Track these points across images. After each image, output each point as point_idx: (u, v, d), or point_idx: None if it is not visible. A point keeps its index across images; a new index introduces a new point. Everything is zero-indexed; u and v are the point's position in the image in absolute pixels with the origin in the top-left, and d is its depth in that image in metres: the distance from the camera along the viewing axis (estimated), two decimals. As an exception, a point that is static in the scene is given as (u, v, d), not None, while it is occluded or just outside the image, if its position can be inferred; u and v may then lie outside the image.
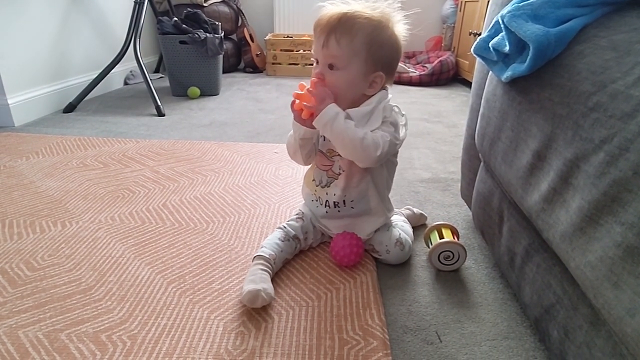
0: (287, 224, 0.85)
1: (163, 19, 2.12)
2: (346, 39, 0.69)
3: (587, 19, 0.54)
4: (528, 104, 0.60)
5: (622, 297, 0.38)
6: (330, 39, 0.69)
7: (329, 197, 0.82)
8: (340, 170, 0.79)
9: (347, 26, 0.69)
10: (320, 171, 0.82)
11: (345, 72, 0.71)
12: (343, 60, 0.71)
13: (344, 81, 0.72)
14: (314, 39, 0.74)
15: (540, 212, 0.54)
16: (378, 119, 0.74)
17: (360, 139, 0.70)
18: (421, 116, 1.95)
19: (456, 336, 0.67)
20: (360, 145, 0.70)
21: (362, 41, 0.70)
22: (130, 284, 0.75)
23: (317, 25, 0.72)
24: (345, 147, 0.72)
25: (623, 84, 0.43)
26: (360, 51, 0.70)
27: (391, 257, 0.82)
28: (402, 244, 0.82)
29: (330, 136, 0.72)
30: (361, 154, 0.71)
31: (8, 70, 1.64)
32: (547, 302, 0.58)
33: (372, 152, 0.71)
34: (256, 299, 0.67)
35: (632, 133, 0.39)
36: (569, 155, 0.48)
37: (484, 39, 0.69)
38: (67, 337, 0.63)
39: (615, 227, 0.40)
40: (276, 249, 0.78)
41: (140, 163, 1.30)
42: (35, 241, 0.87)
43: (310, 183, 0.85)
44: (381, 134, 0.72)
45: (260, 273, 0.72)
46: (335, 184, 0.81)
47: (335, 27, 0.69)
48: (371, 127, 0.73)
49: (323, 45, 0.70)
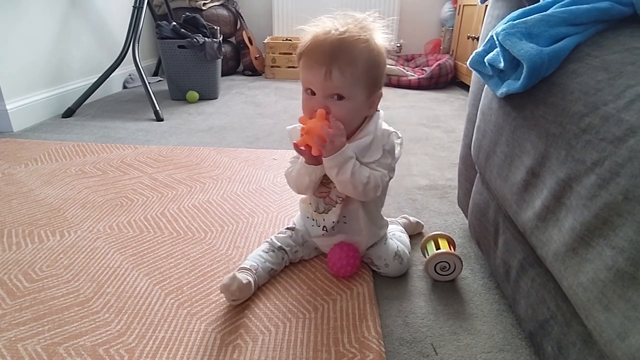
0: (275, 237, 0.85)
1: (162, 24, 2.12)
2: (350, 69, 0.65)
3: (580, 37, 0.55)
4: (523, 120, 0.60)
5: (613, 321, 0.39)
6: (334, 70, 0.65)
7: (326, 222, 0.80)
8: (337, 199, 0.78)
9: (347, 54, 0.65)
10: (316, 198, 0.80)
11: (351, 101, 0.68)
12: (349, 89, 0.67)
13: (352, 110, 0.69)
14: (304, 67, 0.68)
15: (534, 229, 0.55)
16: (378, 148, 0.72)
17: (364, 184, 0.70)
18: (419, 121, 1.96)
19: (452, 348, 0.67)
20: (362, 190, 0.70)
21: (363, 67, 0.67)
22: (129, 296, 0.75)
23: (309, 56, 0.67)
24: (346, 189, 0.71)
25: (614, 107, 0.43)
26: (361, 78, 0.67)
27: (390, 271, 0.82)
28: (401, 257, 0.82)
29: (336, 177, 0.70)
30: (362, 195, 0.72)
31: (7, 75, 1.64)
32: (542, 317, 0.58)
33: (371, 193, 0.72)
34: (232, 283, 0.69)
35: (622, 157, 0.40)
36: (562, 175, 0.49)
37: (479, 53, 0.69)
38: (65, 350, 0.63)
39: (607, 250, 0.40)
40: (258, 259, 0.79)
41: (139, 170, 1.30)
42: (33, 251, 0.88)
43: (307, 206, 0.83)
44: (381, 174, 0.72)
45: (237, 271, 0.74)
46: (333, 212, 0.79)
47: (336, 57, 0.65)
48: (372, 158, 0.72)
49: (325, 77, 0.65)
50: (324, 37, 0.66)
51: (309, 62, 0.68)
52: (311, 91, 0.69)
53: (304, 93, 0.71)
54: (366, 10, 0.71)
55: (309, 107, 0.70)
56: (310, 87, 0.69)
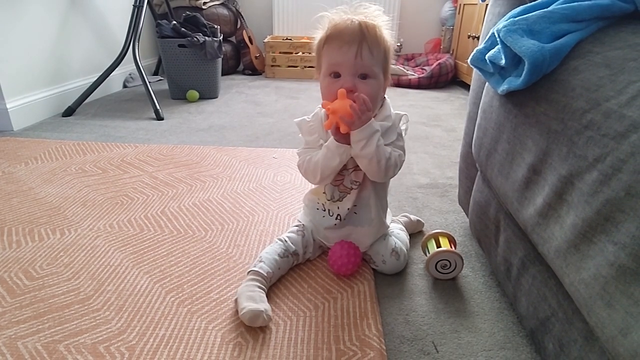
0: (288, 237, 0.83)
1: (162, 23, 2.12)
2: (376, 48, 0.70)
3: (581, 34, 0.55)
4: (524, 118, 0.60)
5: (614, 317, 0.39)
6: (364, 48, 0.69)
7: (340, 210, 0.81)
8: (353, 185, 0.79)
9: (373, 35, 0.70)
10: (331, 186, 0.81)
11: (376, 81, 0.72)
12: (374, 69, 0.71)
13: (376, 89, 0.72)
14: (332, 50, 0.71)
15: (535, 226, 0.54)
16: (394, 132, 0.76)
17: (386, 159, 0.72)
18: (420, 120, 1.96)
19: (453, 346, 0.67)
20: (385, 165, 0.72)
21: (384, 48, 0.72)
22: (129, 294, 0.75)
23: (338, 37, 0.70)
24: (371, 163, 0.72)
25: (616, 103, 0.43)
26: (382, 58, 0.72)
27: (387, 268, 0.82)
28: (398, 254, 0.82)
29: (366, 151, 0.71)
30: (383, 172, 0.73)
31: (7, 74, 1.64)
32: (543, 314, 0.58)
33: (391, 171, 0.74)
34: (257, 319, 0.66)
35: (624, 153, 0.40)
36: (564, 172, 0.48)
37: (480, 51, 0.69)
38: (65, 348, 0.63)
39: (609, 247, 0.40)
40: (274, 266, 0.77)
41: (139, 169, 1.30)
42: (34, 249, 0.87)
43: (321, 195, 0.83)
44: (399, 153, 0.75)
45: (258, 292, 0.71)
46: (348, 198, 0.80)
47: (365, 36, 0.69)
48: (389, 140, 0.75)
49: (356, 55, 0.69)
50: (348, 22, 0.70)
51: (338, 43, 0.70)
52: (334, 74, 0.71)
53: (328, 78, 0.73)
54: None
55: (333, 90, 0.70)
56: (337, 69, 0.71)
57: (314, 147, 0.79)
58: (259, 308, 0.67)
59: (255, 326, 0.68)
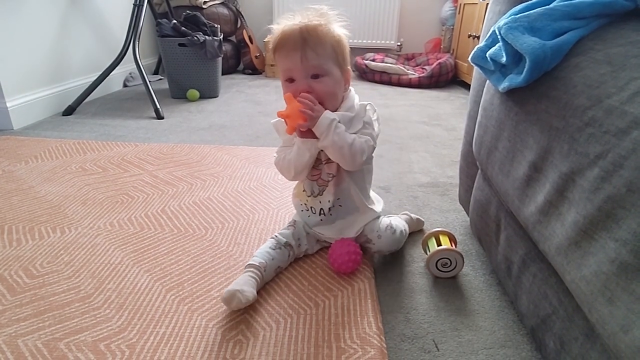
0: (279, 233, 0.85)
1: (162, 22, 2.12)
2: (320, 47, 0.73)
3: (583, 32, 0.55)
4: (525, 115, 0.60)
5: (616, 313, 0.38)
6: (307, 50, 0.72)
7: (322, 204, 0.83)
8: (329, 177, 0.81)
9: (315, 35, 0.73)
10: (310, 181, 0.83)
11: (330, 77, 0.75)
12: (325, 66, 0.74)
13: (332, 85, 0.75)
14: (281, 58, 0.75)
15: (536, 224, 0.54)
16: (359, 121, 0.78)
17: (349, 144, 0.74)
18: (420, 119, 1.96)
19: (453, 344, 0.67)
20: (349, 151, 0.74)
21: (331, 45, 0.74)
22: (129, 292, 0.75)
23: (282, 46, 0.74)
24: (337, 151, 0.74)
25: (618, 100, 0.43)
26: (332, 54, 0.74)
27: (383, 243, 0.83)
28: (393, 228, 0.84)
29: (327, 141, 0.74)
30: (349, 159, 0.75)
31: (7, 74, 1.64)
32: (544, 312, 0.58)
33: (358, 157, 0.75)
34: (232, 299, 0.68)
35: (626, 150, 0.39)
36: (565, 169, 0.48)
37: (481, 49, 0.69)
38: (65, 346, 0.63)
39: (610, 243, 0.40)
40: (267, 257, 0.79)
41: (139, 167, 1.30)
42: (34, 248, 0.87)
43: (301, 194, 0.86)
44: (365, 139, 0.77)
45: (247, 278, 0.73)
46: (327, 191, 0.82)
47: (306, 39, 0.72)
48: (354, 130, 0.77)
49: (301, 59, 0.72)
50: (290, 29, 0.74)
51: (284, 52, 0.74)
52: (290, 80, 0.75)
53: (285, 83, 0.77)
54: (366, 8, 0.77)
55: (290, 93, 0.74)
56: (290, 75, 0.75)
57: (290, 145, 0.81)
58: (235, 288, 0.69)
59: (232, 307, 0.69)
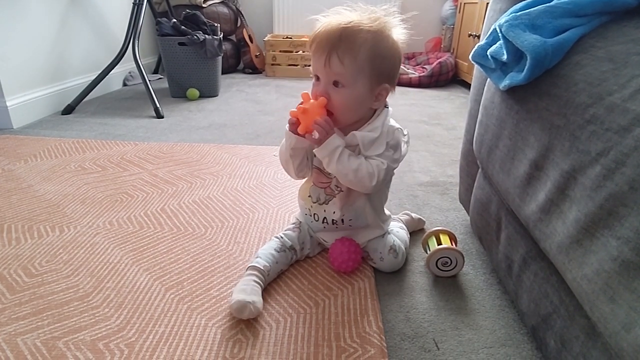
0: (284, 234, 0.84)
1: (162, 20, 2.12)
2: (349, 57, 0.66)
3: (584, 29, 0.55)
4: (526, 113, 0.60)
5: (618, 312, 0.38)
6: (333, 57, 0.66)
7: (327, 214, 0.81)
8: (337, 190, 0.79)
9: (348, 43, 0.66)
10: (317, 188, 0.81)
11: (351, 90, 0.69)
12: (348, 78, 0.68)
13: (351, 98, 0.70)
14: (312, 54, 0.70)
15: (537, 222, 0.54)
16: (382, 144, 0.73)
17: (354, 170, 0.70)
18: (420, 118, 1.95)
19: (454, 343, 0.67)
20: (354, 177, 0.71)
21: (366, 57, 0.67)
22: (128, 291, 0.75)
23: (315, 42, 0.69)
24: (342, 177, 0.73)
25: (620, 97, 0.43)
26: (364, 67, 0.68)
27: (385, 265, 0.82)
28: (396, 252, 0.82)
29: (331, 168, 0.72)
30: (357, 184, 0.73)
31: (6, 72, 1.63)
32: (544, 311, 0.58)
33: (366, 182, 0.71)
34: (243, 310, 0.66)
35: (628, 147, 0.39)
36: (566, 167, 0.48)
37: (482, 47, 0.69)
38: (64, 345, 0.63)
39: (612, 241, 0.40)
40: (271, 260, 0.77)
41: (139, 166, 1.30)
42: (33, 246, 0.87)
43: (306, 198, 0.83)
44: (378, 162, 0.72)
45: (253, 285, 0.71)
46: (334, 202, 0.79)
47: (336, 44, 0.66)
48: (375, 152, 0.72)
49: (325, 64, 0.67)
50: (330, 27, 0.68)
51: (315, 49, 0.70)
52: (316, 77, 0.71)
53: (314, 78, 0.73)
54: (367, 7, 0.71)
55: (314, 91, 0.72)
56: (317, 73, 0.71)
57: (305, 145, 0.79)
58: (246, 299, 0.67)
59: (243, 318, 0.68)
